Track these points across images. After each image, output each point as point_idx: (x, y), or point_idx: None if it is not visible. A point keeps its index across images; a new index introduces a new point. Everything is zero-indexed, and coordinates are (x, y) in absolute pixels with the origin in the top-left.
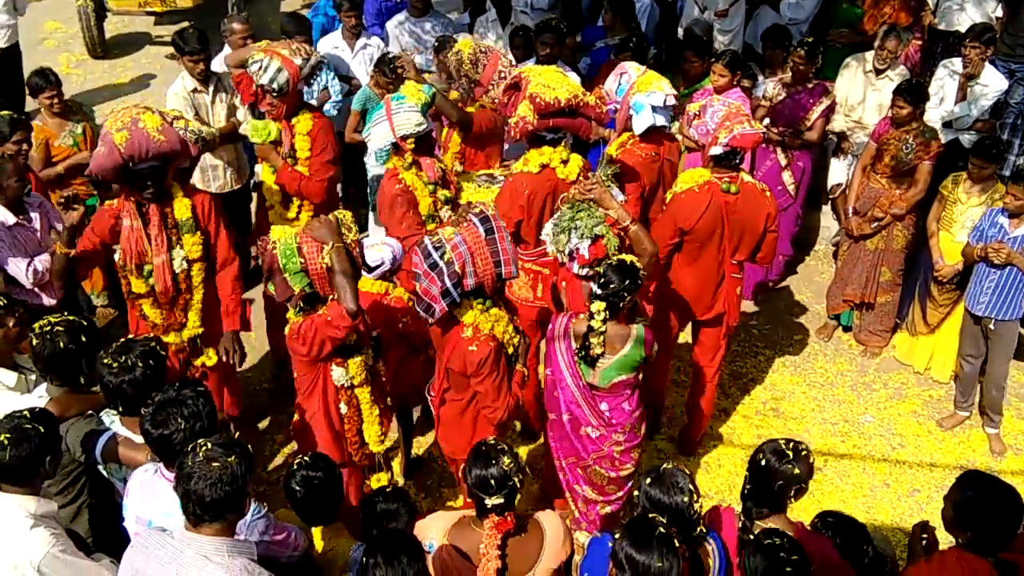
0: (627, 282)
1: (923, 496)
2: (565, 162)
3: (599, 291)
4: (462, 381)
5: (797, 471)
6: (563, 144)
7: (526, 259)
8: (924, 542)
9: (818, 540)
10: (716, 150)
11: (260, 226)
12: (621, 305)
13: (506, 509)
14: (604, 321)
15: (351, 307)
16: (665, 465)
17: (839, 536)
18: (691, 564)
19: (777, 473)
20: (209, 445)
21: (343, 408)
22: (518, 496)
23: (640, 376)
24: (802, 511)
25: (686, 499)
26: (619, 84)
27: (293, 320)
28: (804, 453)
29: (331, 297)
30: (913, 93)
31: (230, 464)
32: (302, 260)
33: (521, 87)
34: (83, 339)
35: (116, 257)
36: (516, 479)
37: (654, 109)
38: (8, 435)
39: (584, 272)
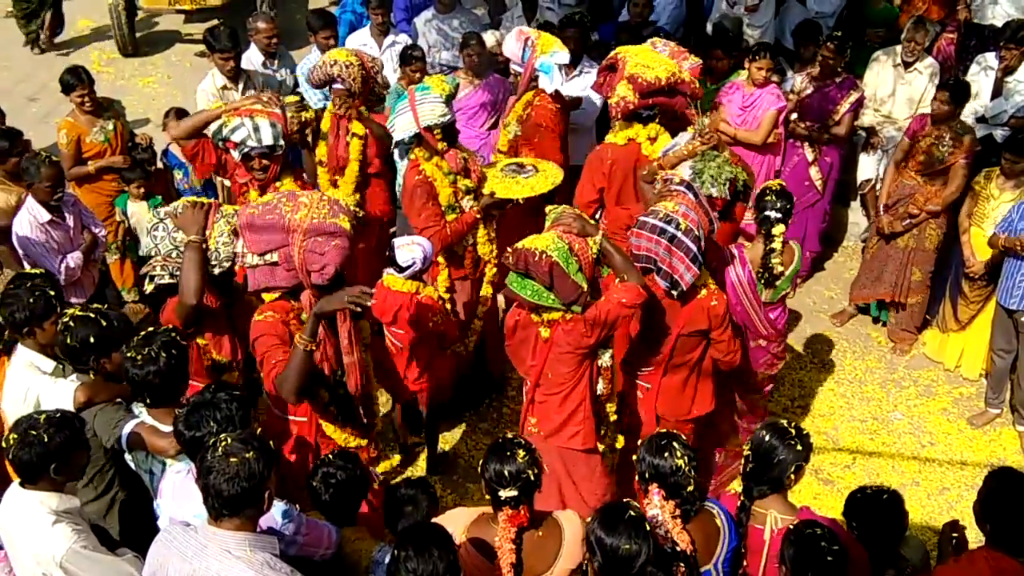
0: (791, 203)
1: (953, 495)
2: (653, 139)
3: (777, 215)
4: (692, 342)
5: (799, 448)
6: (655, 121)
7: None
8: (954, 542)
9: (829, 525)
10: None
11: None
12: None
13: (520, 503)
14: (784, 242)
15: (641, 280)
16: (662, 432)
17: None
18: (700, 527)
19: (778, 452)
20: (229, 440)
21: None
22: (533, 492)
23: None
24: (829, 508)
25: (679, 462)
26: (524, 49)
27: (571, 315)
28: (804, 433)
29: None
30: (957, 92)
31: (248, 460)
32: (576, 258)
33: (617, 68)
34: (99, 332)
35: None
36: (531, 472)
37: (560, 68)
38: (15, 435)
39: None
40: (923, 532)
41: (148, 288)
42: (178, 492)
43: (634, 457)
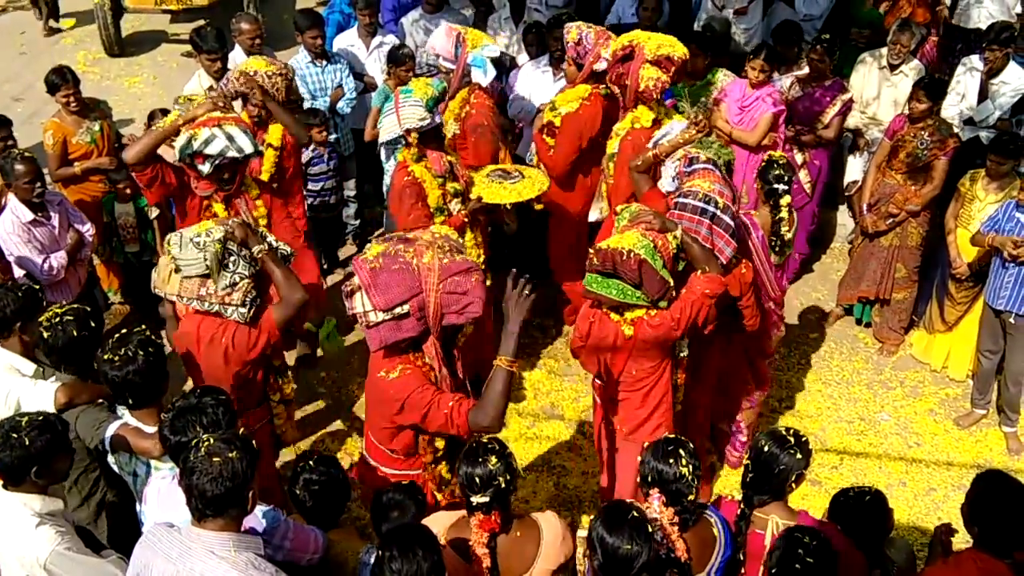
0: (793, 173)
1: (939, 495)
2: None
3: (784, 187)
4: (728, 315)
5: (799, 456)
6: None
7: None
8: (943, 543)
9: (827, 530)
10: (601, 65)
11: None
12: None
13: (492, 509)
14: (790, 210)
15: (719, 269)
16: (667, 436)
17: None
18: (696, 534)
19: (778, 460)
20: (212, 440)
21: None
22: (508, 497)
23: None
24: (816, 509)
25: (684, 471)
26: (456, 45)
27: (656, 311)
28: (804, 440)
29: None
30: (932, 89)
31: (231, 460)
32: (659, 254)
33: (635, 54)
34: (92, 325)
35: None
36: (502, 479)
37: (493, 61)
38: None
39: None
40: (910, 533)
41: (249, 315)
42: (163, 498)
43: (639, 458)
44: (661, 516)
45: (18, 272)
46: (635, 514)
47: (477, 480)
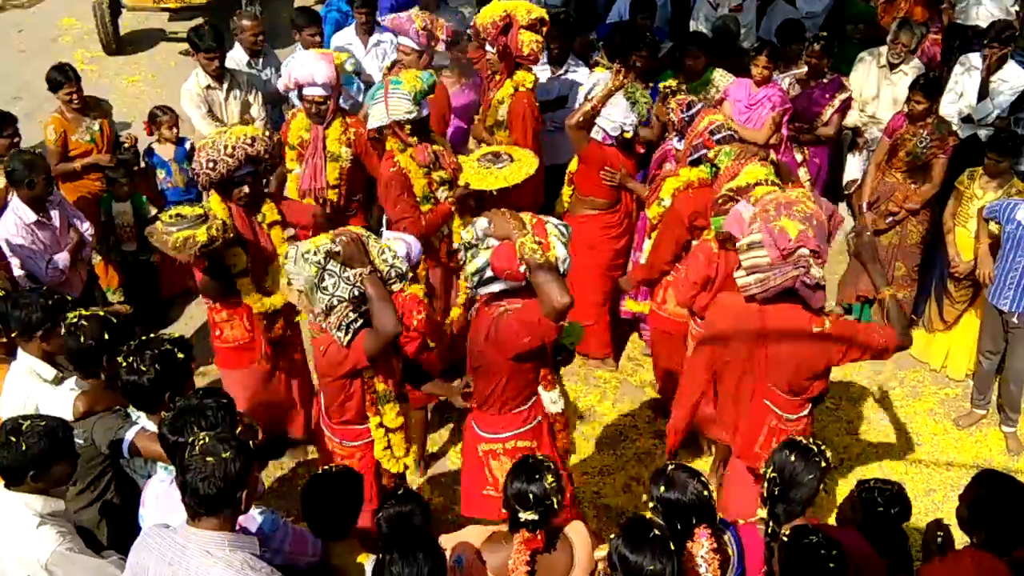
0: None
1: (939, 496)
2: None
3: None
4: None
5: (823, 464)
6: None
7: None
8: (940, 539)
9: (846, 534)
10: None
11: None
12: None
13: (539, 527)
14: None
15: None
16: (669, 466)
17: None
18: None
19: (807, 471)
20: (207, 439)
21: None
22: (553, 517)
23: None
24: (817, 508)
25: (704, 491)
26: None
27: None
28: (822, 447)
29: None
30: (929, 88)
31: (225, 460)
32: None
33: (513, 24)
34: (107, 335)
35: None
36: (555, 499)
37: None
38: None
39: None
40: (909, 533)
41: (346, 340)
42: (160, 501)
43: (652, 492)
44: (709, 553)
45: (17, 271)
46: (656, 532)
47: (531, 497)
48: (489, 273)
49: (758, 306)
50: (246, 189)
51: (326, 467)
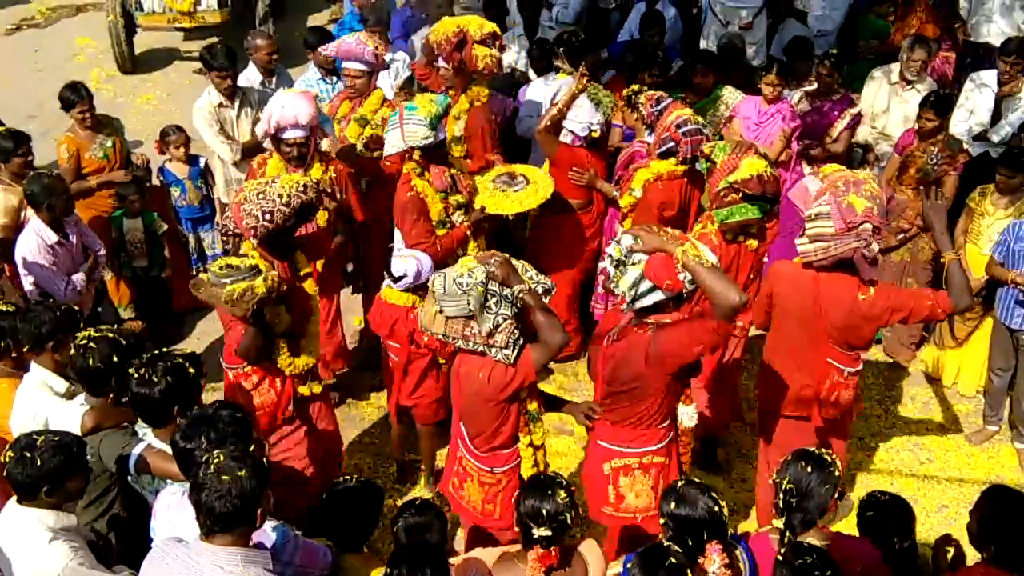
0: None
1: (951, 512)
2: None
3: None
4: None
5: (836, 473)
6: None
7: None
8: (950, 555)
9: (858, 544)
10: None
11: None
12: None
13: (552, 543)
14: None
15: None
16: (679, 482)
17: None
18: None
19: (822, 480)
20: (222, 457)
21: None
22: (567, 533)
23: None
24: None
25: (715, 507)
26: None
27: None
28: (833, 456)
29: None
30: (940, 106)
31: (240, 478)
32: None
33: (467, 39)
34: (116, 356)
35: None
36: (568, 514)
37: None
38: (12, 452)
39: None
40: (921, 549)
41: (513, 356)
42: (172, 513)
43: (663, 508)
44: (721, 569)
45: (28, 287)
46: (673, 560)
47: (544, 513)
48: (646, 285)
49: (813, 273)
50: (291, 241)
51: (346, 479)
